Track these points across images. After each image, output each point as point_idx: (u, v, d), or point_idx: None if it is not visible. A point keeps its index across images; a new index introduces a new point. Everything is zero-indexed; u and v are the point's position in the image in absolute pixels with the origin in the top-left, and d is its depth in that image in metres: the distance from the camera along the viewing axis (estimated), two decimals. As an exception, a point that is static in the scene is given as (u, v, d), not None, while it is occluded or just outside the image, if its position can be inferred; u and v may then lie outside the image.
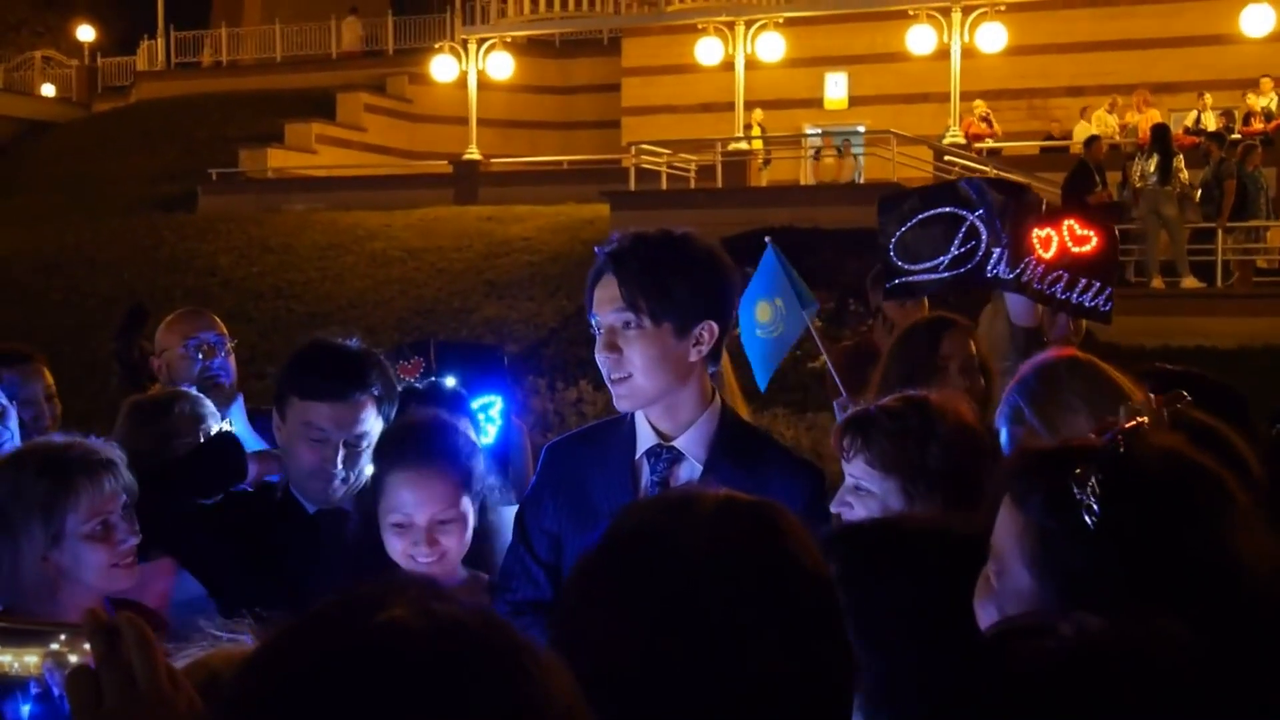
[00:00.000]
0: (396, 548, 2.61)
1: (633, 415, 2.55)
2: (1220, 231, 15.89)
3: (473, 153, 23.20)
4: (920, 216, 3.58)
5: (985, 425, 2.56)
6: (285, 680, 0.91)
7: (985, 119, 21.86)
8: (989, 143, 21.42)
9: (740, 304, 3.93)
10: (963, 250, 3.51)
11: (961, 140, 20.84)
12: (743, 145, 21.68)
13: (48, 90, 32.60)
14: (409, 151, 26.53)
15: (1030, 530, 1.49)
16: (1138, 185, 15.54)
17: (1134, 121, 20.38)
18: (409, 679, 0.89)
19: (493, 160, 23.79)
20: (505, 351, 4.80)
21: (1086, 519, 1.42)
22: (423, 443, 2.66)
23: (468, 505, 2.64)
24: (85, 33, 35.30)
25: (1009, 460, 1.74)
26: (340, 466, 2.77)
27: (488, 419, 3.70)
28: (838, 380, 4.16)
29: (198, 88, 28.80)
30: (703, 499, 1.33)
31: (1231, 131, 18.70)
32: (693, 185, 20.36)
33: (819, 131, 22.99)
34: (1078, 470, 1.45)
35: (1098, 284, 3.45)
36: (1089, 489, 1.42)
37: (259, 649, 0.96)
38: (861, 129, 22.45)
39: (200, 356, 4.04)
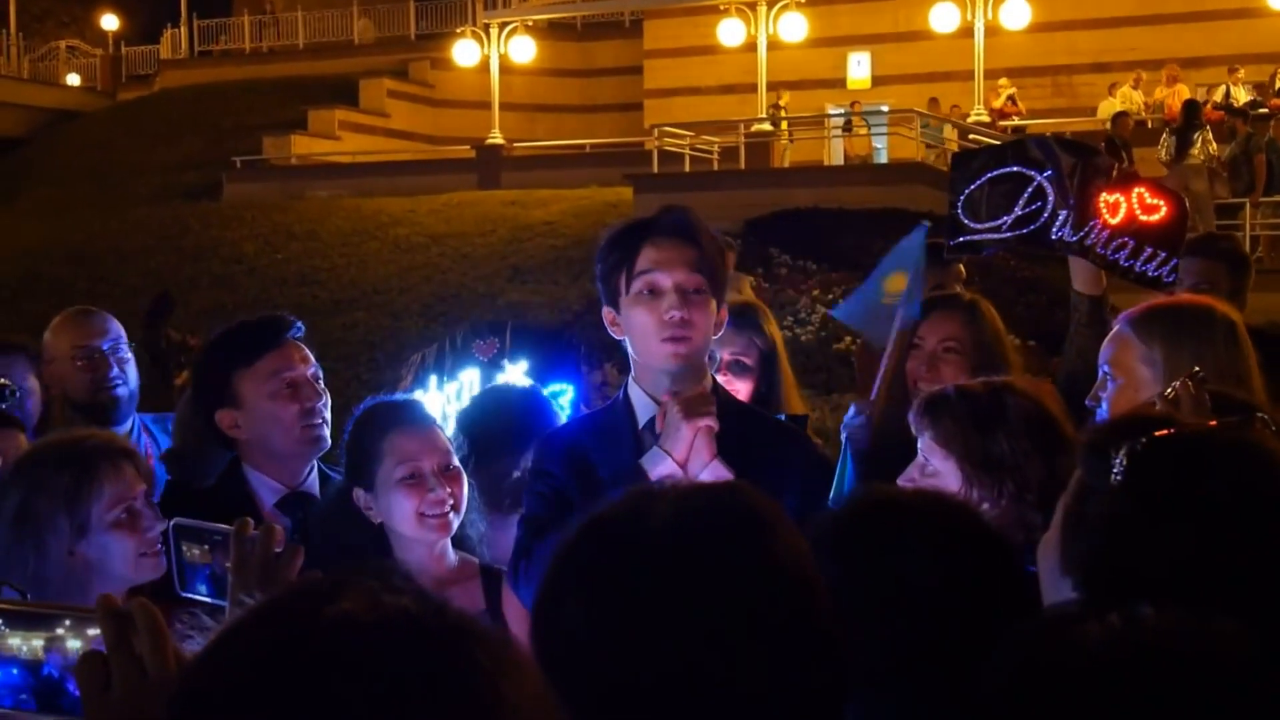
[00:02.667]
0: (409, 509, 2.65)
1: (625, 393, 2.62)
2: (1249, 206, 15.75)
3: (495, 137, 23.19)
4: (989, 175, 3.55)
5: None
6: (233, 673, 0.91)
7: (1010, 98, 21.72)
8: (1014, 120, 21.27)
9: (878, 265, 3.96)
10: (1027, 211, 3.48)
11: (986, 118, 20.70)
12: (766, 126, 21.59)
13: (73, 80, 32.76)
14: (432, 137, 26.53)
15: (1076, 483, 1.57)
16: (1162, 159, 15.43)
17: (1161, 98, 20.20)
18: (354, 673, 0.89)
19: (515, 144, 23.77)
20: (579, 339, 4.84)
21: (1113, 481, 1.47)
22: (410, 404, 2.83)
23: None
24: (109, 22, 35.45)
25: (1087, 431, 1.75)
26: (323, 406, 2.91)
27: (557, 408, 3.73)
28: (872, 379, 4.12)
29: (221, 75, 28.89)
30: (668, 490, 1.31)
31: (1260, 106, 18.51)
32: (716, 167, 20.31)
33: (842, 111, 22.87)
34: (1126, 439, 1.49)
35: (1163, 253, 3.40)
36: (1122, 457, 1.45)
37: (212, 641, 0.96)
38: (885, 108, 22.33)
39: (88, 367, 3.70)
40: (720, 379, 3.21)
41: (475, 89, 24.92)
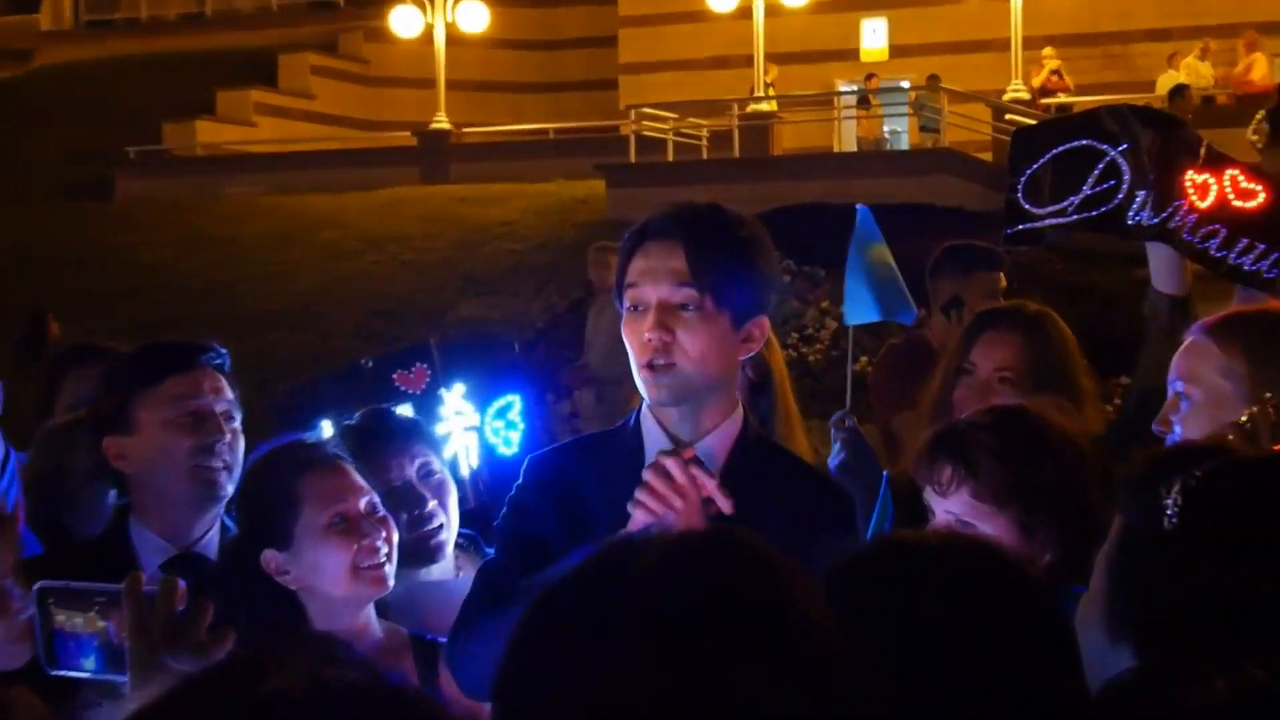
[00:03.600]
0: (340, 562, 2.64)
1: (637, 418, 2.60)
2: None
3: (441, 121, 23.19)
4: (1055, 151, 3.53)
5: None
6: None
7: (1055, 71, 21.86)
8: (1060, 97, 21.40)
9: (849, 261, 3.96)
10: (1098, 190, 3.47)
11: (1026, 95, 20.82)
12: (763, 107, 21.68)
13: (-67, 57, 32.67)
14: (366, 122, 26.52)
15: (1117, 530, 1.58)
16: (1254, 141, 15.41)
17: (1235, 71, 20.33)
18: None
19: (466, 130, 23.77)
20: (546, 361, 4.82)
21: (1165, 524, 1.47)
22: (320, 441, 2.86)
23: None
24: (-23, -12, 35.39)
25: (1128, 467, 1.75)
26: (225, 447, 2.93)
27: (508, 424, 3.70)
28: (848, 393, 4.14)
29: (113, 51, 28.82)
30: (653, 538, 1.31)
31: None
32: (705, 155, 20.35)
33: (855, 88, 22.97)
34: (1177, 473, 1.49)
35: (1262, 246, 3.38)
36: (1175, 494, 1.46)
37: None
38: (906, 84, 22.44)
39: None
40: None
41: (417, 64, 24.90)
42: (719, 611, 1.24)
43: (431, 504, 3.07)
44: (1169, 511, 1.48)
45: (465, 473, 3.61)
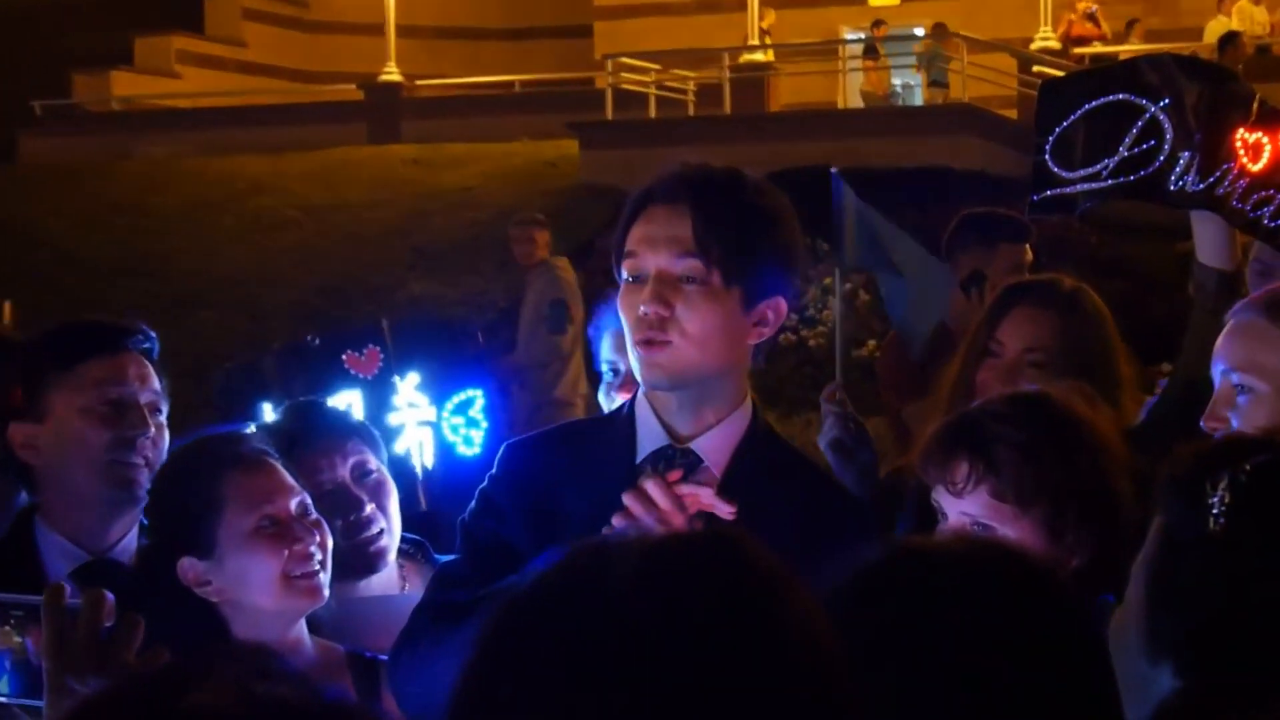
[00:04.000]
0: (270, 571, 2.65)
1: (631, 408, 2.61)
2: None
3: (391, 73, 23.14)
4: (1088, 107, 3.52)
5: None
6: None
7: (1090, 16, 21.89)
8: (1096, 46, 21.43)
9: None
10: (1137, 151, 3.46)
11: (1056, 44, 20.85)
12: (758, 57, 21.67)
13: None
14: (305, 73, 26.44)
15: (1156, 534, 1.58)
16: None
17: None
18: None
19: (419, 83, 23.71)
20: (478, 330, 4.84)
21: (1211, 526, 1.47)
22: (246, 435, 2.87)
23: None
24: None
25: (1167, 463, 1.75)
26: (146, 441, 2.93)
27: (469, 422, 3.72)
28: (838, 364, 4.16)
29: (15, -9, 28.71)
30: (632, 542, 1.31)
31: None
32: (692, 112, 20.34)
33: (862, 36, 22.97)
34: (1224, 469, 1.49)
35: None
36: (1222, 492, 1.46)
37: None
38: (920, 31, 22.45)
39: None
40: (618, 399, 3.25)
41: (364, 8, 24.85)
42: (703, 626, 1.24)
43: (369, 508, 3.07)
44: (1215, 512, 1.48)
45: (419, 471, 3.62)
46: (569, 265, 11.29)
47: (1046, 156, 3.54)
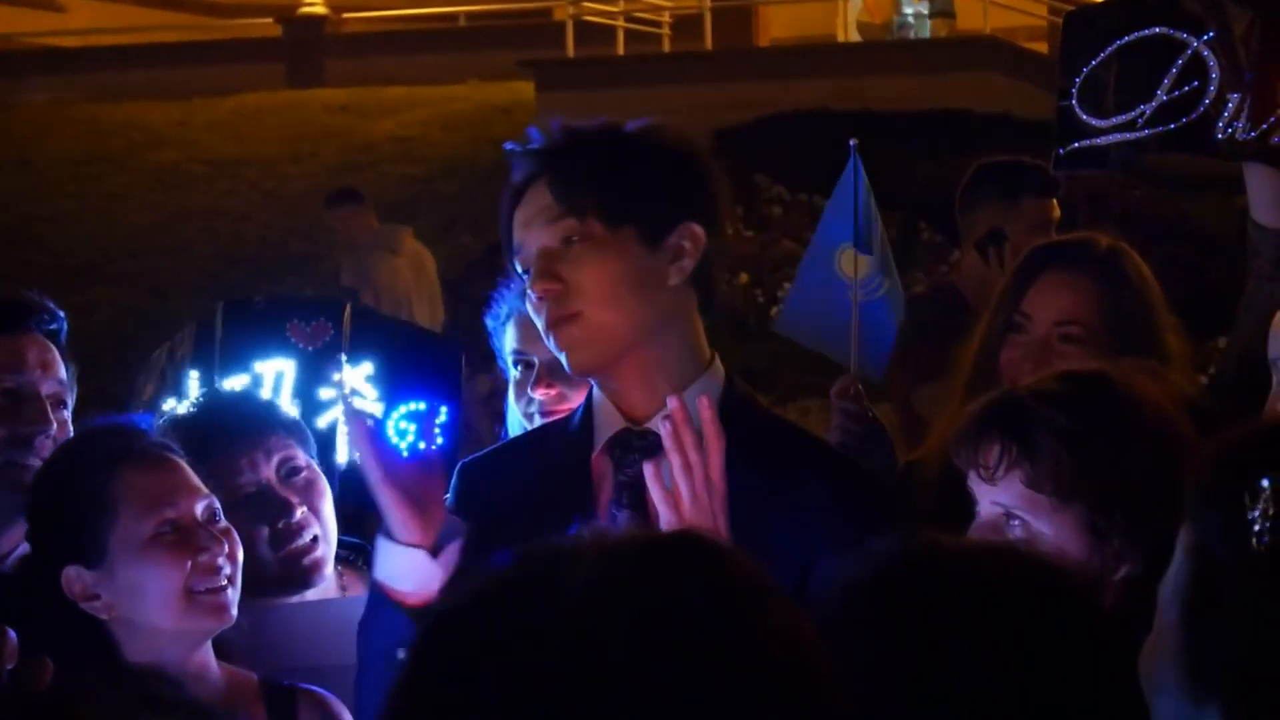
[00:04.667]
0: (169, 585, 2.66)
1: (588, 403, 2.67)
2: None
3: (314, 4, 23.05)
4: (1120, 42, 3.52)
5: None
6: None
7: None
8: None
9: (813, 248, 3.97)
10: (1178, 94, 3.47)
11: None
12: (745, -19, 21.65)
13: None
14: (213, 4, 26.32)
15: (1190, 550, 1.57)
16: None
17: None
18: None
19: (346, 15, 23.63)
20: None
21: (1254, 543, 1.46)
22: (146, 428, 2.85)
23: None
24: None
25: (1197, 459, 1.75)
26: (44, 439, 2.95)
27: (421, 434, 3.74)
28: (853, 354, 4.17)
29: None
30: (591, 542, 1.32)
31: None
32: (667, 48, 20.31)
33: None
34: (1266, 470, 1.49)
35: None
36: (1265, 501, 1.45)
37: None
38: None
39: None
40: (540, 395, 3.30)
41: (280, -73, 24.79)
42: (667, 641, 1.24)
43: (300, 511, 3.06)
44: (1257, 529, 1.46)
45: (341, 460, 3.61)
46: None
47: (1073, 102, 3.54)
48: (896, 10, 21.77)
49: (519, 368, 3.53)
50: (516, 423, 3.50)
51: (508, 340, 3.58)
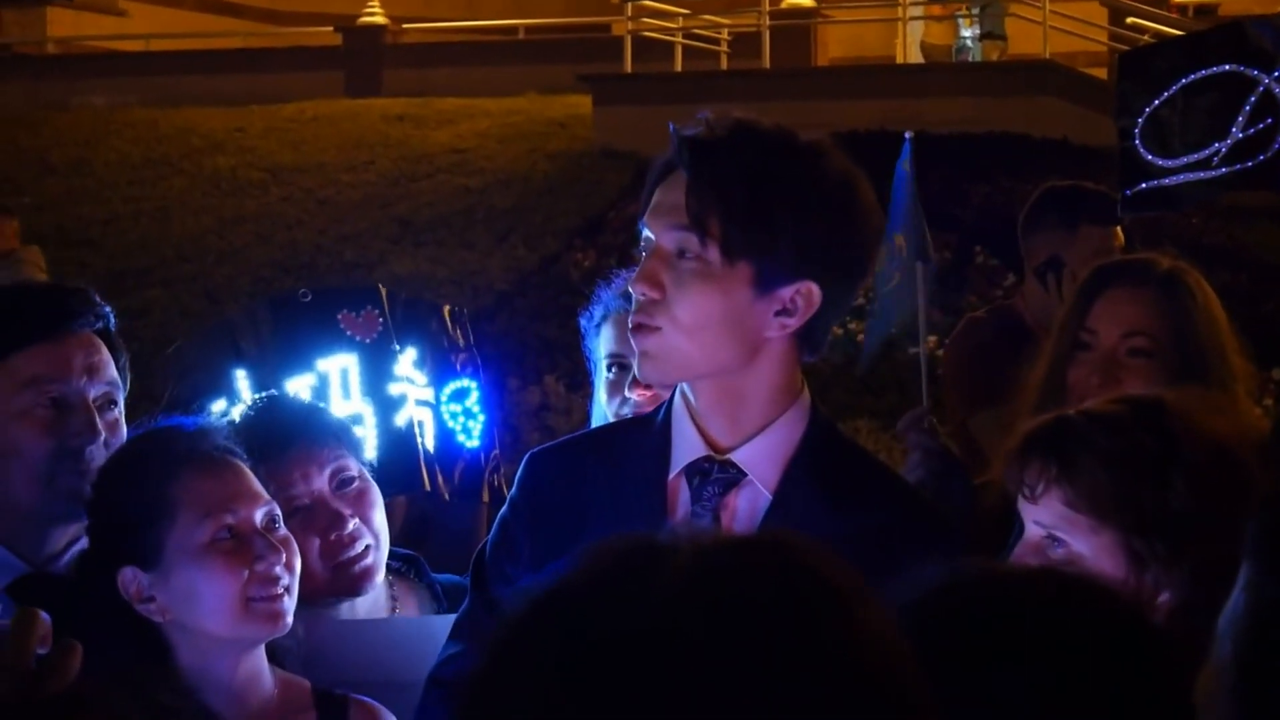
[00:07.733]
0: (226, 591, 2.64)
1: (667, 412, 2.59)
2: None
3: (374, 14, 23.12)
4: (1185, 80, 3.51)
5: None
6: None
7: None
8: (1200, -5, 21.39)
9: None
10: (1252, 132, 3.46)
11: (1155, -7, 20.78)
12: (803, 1, 21.62)
13: None
14: (273, 12, 26.45)
15: (1247, 587, 1.56)
16: None
17: None
18: None
19: (406, 26, 23.69)
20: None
21: None
22: (209, 430, 2.82)
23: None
24: None
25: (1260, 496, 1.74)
26: (102, 442, 2.88)
27: (466, 412, 3.74)
28: (924, 384, 4.16)
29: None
30: (682, 541, 1.31)
31: None
32: (725, 65, 20.31)
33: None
34: None
35: None
36: None
37: None
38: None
39: None
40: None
41: (342, -64, 24.88)
42: (762, 640, 1.23)
43: (353, 524, 3.05)
44: None
45: (420, 451, 3.63)
46: (40, 254, 11.95)
47: (1136, 142, 3.52)
48: (956, 34, 21.78)
49: (614, 370, 3.49)
50: (602, 421, 3.48)
51: (603, 341, 3.55)
